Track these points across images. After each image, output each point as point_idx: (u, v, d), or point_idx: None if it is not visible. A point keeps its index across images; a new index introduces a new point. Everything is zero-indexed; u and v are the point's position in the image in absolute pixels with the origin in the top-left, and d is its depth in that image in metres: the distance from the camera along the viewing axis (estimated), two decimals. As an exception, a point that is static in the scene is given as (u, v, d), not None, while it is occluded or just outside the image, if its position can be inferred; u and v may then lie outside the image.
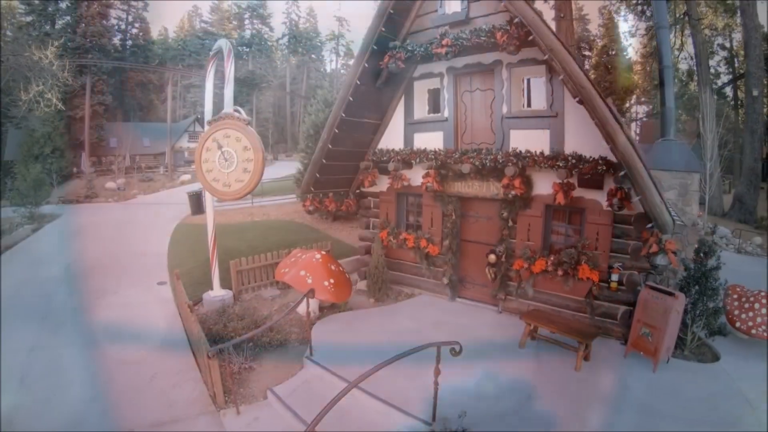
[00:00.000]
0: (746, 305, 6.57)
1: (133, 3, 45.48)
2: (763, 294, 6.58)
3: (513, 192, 6.08)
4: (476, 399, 4.75)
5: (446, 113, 7.28)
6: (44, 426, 4.81)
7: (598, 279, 6.06)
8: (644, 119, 39.80)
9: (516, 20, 5.23)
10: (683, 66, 35.78)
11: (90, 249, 12.21)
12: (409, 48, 6.55)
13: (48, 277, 9.87)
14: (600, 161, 5.50)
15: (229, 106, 6.34)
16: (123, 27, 45.26)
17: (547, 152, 6.03)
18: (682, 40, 32.23)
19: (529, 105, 6.59)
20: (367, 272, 8.09)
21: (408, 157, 7.51)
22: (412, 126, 7.83)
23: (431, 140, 7.49)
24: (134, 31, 46.23)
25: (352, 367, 4.59)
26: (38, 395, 5.36)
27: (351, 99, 6.92)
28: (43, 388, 5.52)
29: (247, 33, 54.90)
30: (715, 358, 6.02)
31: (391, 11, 6.45)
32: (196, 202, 16.31)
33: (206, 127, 6.62)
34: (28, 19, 38.86)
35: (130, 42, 45.46)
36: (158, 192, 26.32)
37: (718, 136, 18.86)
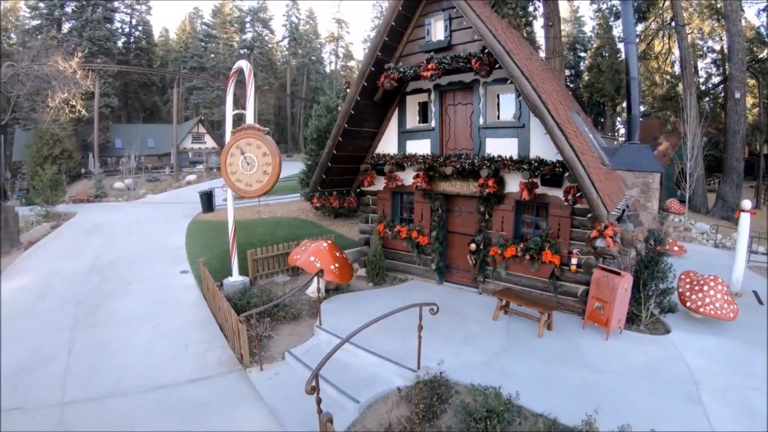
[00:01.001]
0: (696, 287, 7.55)
1: (137, 7, 46.45)
2: (711, 278, 7.63)
3: (487, 190, 7.28)
4: (453, 355, 5.92)
5: (433, 123, 8.50)
6: (94, 385, 5.77)
7: (560, 262, 7.22)
8: (641, 119, 40.80)
9: (487, 50, 6.42)
10: (673, 69, 36.92)
11: (111, 244, 12.97)
12: (401, 69, 7.75)
13: (76, 269, 10.64)
14: (557, 164, 6.68)
15: (250, 119, 7.53)
16: (127, 30, 46.26)
17: (515, 157, 7.24)
18: (669, 45, 33.30)
19: (499, 117, 7.79)
20: (366, 260, 9.27)
21: (401, 161, 8.71)
22: (404, 134, 9.04)
23: (420, 146, 8.70)
24: (137, 33, 47.14)
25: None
26: (86, 363, 6.33)
27: (352, 112, 8.13)
28: (90, 357, 6.48)
29: (248, 36, 55.89)
30: (667, 331, 6.94)
31: (386, 39, 7.66)
32: (207, 201, 17.46)
33: (229, 136, 7.79)
34: (35, 23, 39.88)
35: (133, 45, 46.32)
36: (166, 192, 26.82)
37: (700, 136, 19.86)
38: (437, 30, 7.58)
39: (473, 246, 8.06)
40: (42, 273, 10.41)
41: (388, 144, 9.33)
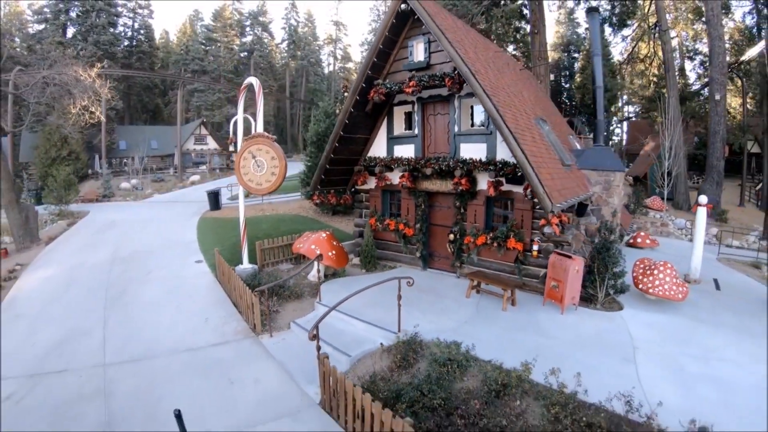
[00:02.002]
0: (648, 272, 8.61)
1: (139, 11, 47.56)
2: (661, 263, 8.67)
3: (461, 188, 8.57)
4: (429, 323, 7.17)
5: (416, 131, 9.82)
6: (129, 351, 6.84)
7: (523, 248, 8.48)
8: (633, 119, 41.95)
9: (456, 71, 7.72)
10: (661, 71, 38.04)
11: (127, 239, 13.87)
12: (388, 86, 9.07)
13: (98, 261, 11.57)
14: (517, 165, 7.96)
15: (260, 128, 8.85)
16: (129, 34, 47.33)
17: (484, 159, 8.53)
18: (654, 49, 34.50)
19: (473, 125, 9.10)
20: (360, 250, 10.56)
21: (389, 163, 10.01)
22: (392, 140, 10.35)
23: (406, 150, 10.02)
24: (140, 37, 48.18)
25: (347, 307, 6.81)
26: (120, 336, 7.38)
27: (347, 121, 9.46)
28: (122, 331, 7.55)
29: (248, 39, 56.95)
30: (621, 309, 7.85)
31: (375, 59, 8.97)
32: (214, 200, 18.68)
33: (241, 143, 9.08)
34: (40, 27, 40.99)
35: (135, 48, 47.28)
36: (171, 191, 27.56)
37: (680, 136, 21.06)
38: (418, 51, 8.88)
39: (451, 236, 9.34)
40: (67, 265, 11.38)
41: (378, 148, 10.62)
